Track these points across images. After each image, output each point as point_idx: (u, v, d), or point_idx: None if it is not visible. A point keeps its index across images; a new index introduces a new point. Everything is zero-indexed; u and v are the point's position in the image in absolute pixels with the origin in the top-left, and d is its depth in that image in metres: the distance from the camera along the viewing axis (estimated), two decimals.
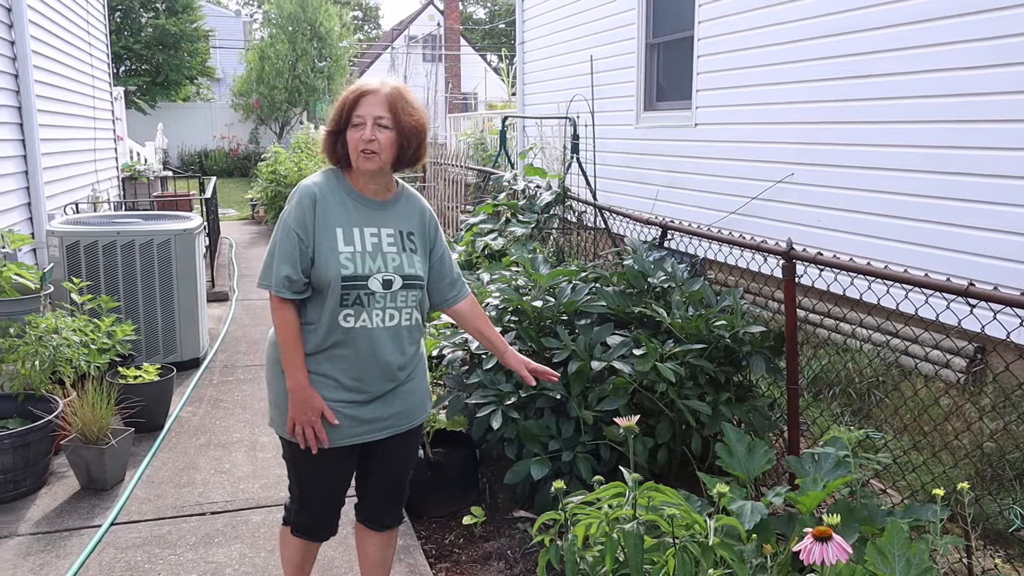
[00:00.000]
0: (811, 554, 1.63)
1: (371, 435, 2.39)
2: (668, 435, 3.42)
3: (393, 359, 2.36)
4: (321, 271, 2.25)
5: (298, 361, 2.29)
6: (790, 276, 3.40)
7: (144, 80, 22.95)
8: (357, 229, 2.32)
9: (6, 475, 3.54)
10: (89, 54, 9.16)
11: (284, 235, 2.27)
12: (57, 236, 5.17)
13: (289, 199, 2.36)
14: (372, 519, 2.59)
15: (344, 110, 2.30)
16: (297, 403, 2.28)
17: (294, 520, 2.53)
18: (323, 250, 2.26)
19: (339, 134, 2.32)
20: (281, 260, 2.25)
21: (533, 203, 6.02)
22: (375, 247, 2.32)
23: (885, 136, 5.41)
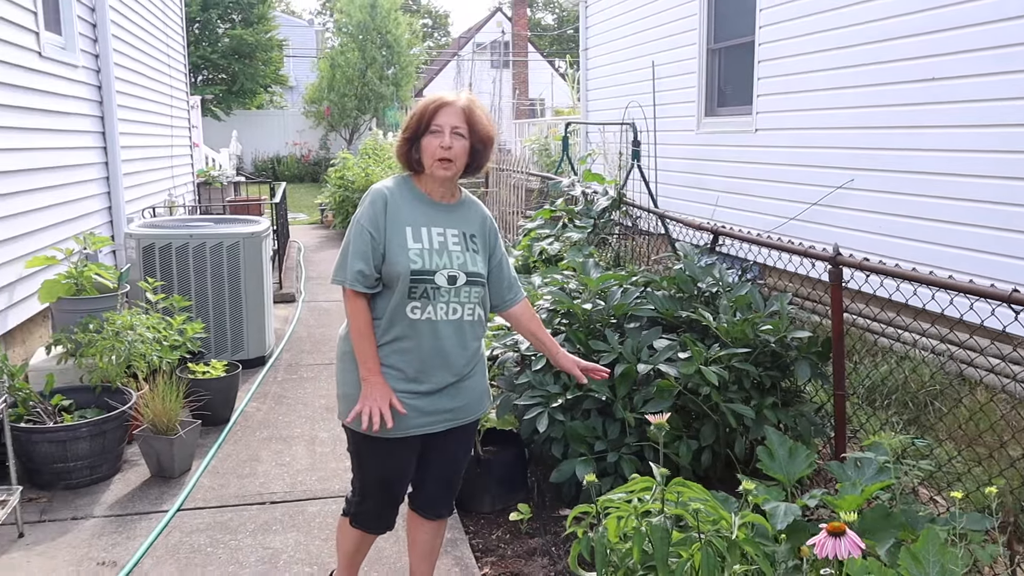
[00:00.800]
0: (824, 548, 1.68)
1: (432, 427, 2.53)
2: (712, 438, 3.45)
3: (454, 352, 2.50)
4: (391, 266, 2.41)
5: (371, 351, 2.44)
6: (837, 281, 3.41)
7: (220, 89, 23.76)
8: (425, 228, 2.47)
9: (83, 461, 3.78)
10: (168, 65, 9.58)
11: (357, 233, 2.44)
12: (134, 239, 5.45)
13: (362, 201, 2.52)
14: (426, 508, 2.72)
15: (423, 118, 2.46)
16: (369, 388, 2.41)
17: (355, 512, 2.66)
18: (393, 246, 2.42)
19: (415, 140, 2.48)
20: (355, 256, 2.42)
21: (590, 208, 6.09)
22: (441, 245, 2.47)
23: (948, 141, 5.32)
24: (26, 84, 5.08)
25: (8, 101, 4.80)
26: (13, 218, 4.78)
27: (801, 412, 3.59)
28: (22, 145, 4.98)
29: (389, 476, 2.59)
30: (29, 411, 3.84)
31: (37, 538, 3.37)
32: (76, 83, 6.10)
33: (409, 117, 2.52)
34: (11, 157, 4.80)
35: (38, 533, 3.41)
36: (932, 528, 2.40)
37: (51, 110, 5.51)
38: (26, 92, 5.09)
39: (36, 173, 5.16)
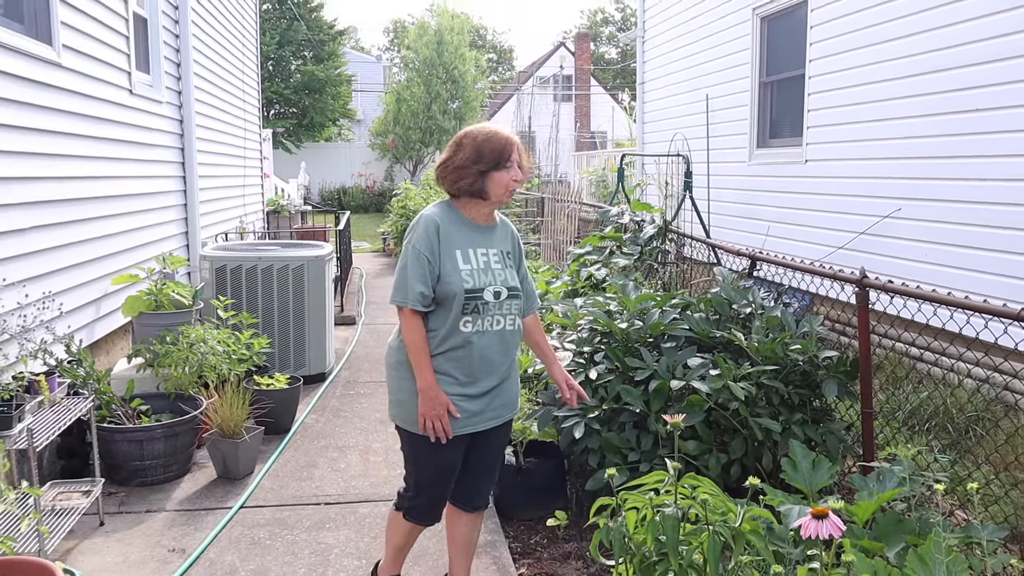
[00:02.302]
0: (808, 529, 1.85)
1: (480, 425, 2.80)
2: (741, 451, 3.60)
3: (498, 358, 2.80)
4: (446, 286, 2.68)
5: (427, 363, 2.70)
6: (863, 303, 3.55)
7: (291, 122, 24.72)
8: (472, 250, 2.76)
9: (158, 460, 4.12)
10: (243, 100, 10.15)
11: (415, 258, 2.69)
12: (208, 260, 5.86)
13: (413, 227, 2.77)
14: (464, 501, 2.97)
15: (503, 155, 2.73)
16: (428, 400, 2.68)
17: (408, 506, 2.92)
18: (447, 268, 2.70)
19: (487, 173, 2.73)
20: (415, 279, 2.68)
21: (637, 236, 6.30)
22: (486, 264, 2.77)
23: (991, 170, 5.39)
24: (118, 119, 5.56)
25: (102, 134, 5.27)
26: (102, 240, 5.22)
27: (830, 429, 3.72)
28: (112, 173, 5.44)
29: (442, 472, 2.84)
30: (111, 413, 4.21)
31: (115, 527, 3.71)
32: (161, 117, 6.60)
33: (482, 151, 2.73)
34: (102, 184, 5.26)
35: (116, 522, 3.75)
36: (939, 532, 2.54)
37: (138, 142, 5.99)
38: (118, 126, 5.57)
39: (123, 199, 5.62)
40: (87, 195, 5.01)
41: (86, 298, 4.94)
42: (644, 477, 2.35)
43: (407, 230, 2.83)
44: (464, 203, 2.82)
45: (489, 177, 2.72)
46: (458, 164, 2.75)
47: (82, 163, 4.97)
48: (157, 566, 3.36)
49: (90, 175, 5.08)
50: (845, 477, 3.71)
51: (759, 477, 3.70)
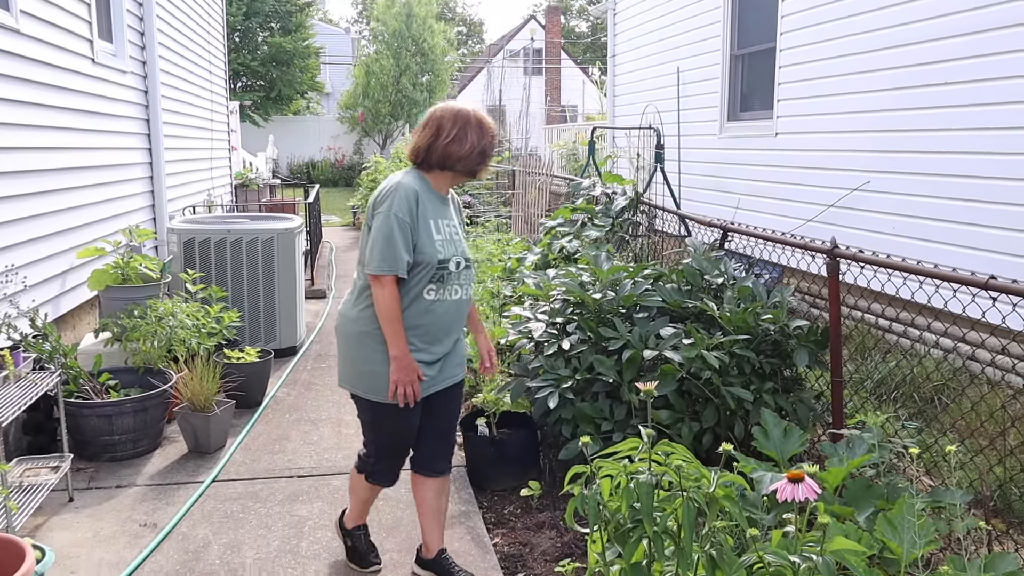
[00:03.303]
0: (784, 492, 1.88)
1: (437, 387, 2.92)
2: (713, 420, 3.64)
3: (454, 325, 2.94)
4: (421, 255, 2.77)
5: (403, 332, 2.77)
6: (834, 273, 3.58)
7: (258, 95, 24.33)
8: (440, 220, 2.86)
9: (127, 435, 4.07)
10: (209, 72, 9.97)
11: (399, 226, 2.72)
12: (176, 233, 5.77)
13: (390, 195, 2.78)
14: (426, 466, 3.05)
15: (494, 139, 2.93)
16: (402, 368, 2.76)
17: (371, 471, 3.04)
18: (423, 238, 2.78)
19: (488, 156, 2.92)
20: (402, 248, 2.72)
21: (609, 208, 6.30)
22: (450, 235, 2.88)
23: (956, 143, 5.45)
24: (80, 88, 5.43)
25: (65, 104, 5.14)
26: (66, 212, 5.11)
27: (800, 398, 3.77)
28: (75, 144, 5.32)
29: (404, 436, 2.96)
30: (79, 388, 4.14)
31: (85, 502, 3.66)
32: (125, 87, 6.45)
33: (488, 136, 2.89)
34: (65, 155, 5.14)
35: (86, 498, 3.71)
36: (907, 497, 2.59)
37: (101, 112, 5.86)
38: (80, 95, 5.43)
39: (87, 171, 5.50)
40: (50, 166, 4.89)
41: (51, 271, 4.84)
42: (618, 445, 2.36)
43: (378, 197, 2.82)
44: (439, 176, 2.89)
45: (487, 160, 2.90)
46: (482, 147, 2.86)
47: (44, 133, 4.85)
48: (129, 541, 3.33)
49: (52, 146, 4.96)
50: (815, 445, 3.76)
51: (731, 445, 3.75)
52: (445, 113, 2.88)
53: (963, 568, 2.37)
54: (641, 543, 2.25)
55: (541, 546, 3.45)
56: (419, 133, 2.91)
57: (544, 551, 3.41)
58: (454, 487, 3.92)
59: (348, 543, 3.22)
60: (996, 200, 5.18)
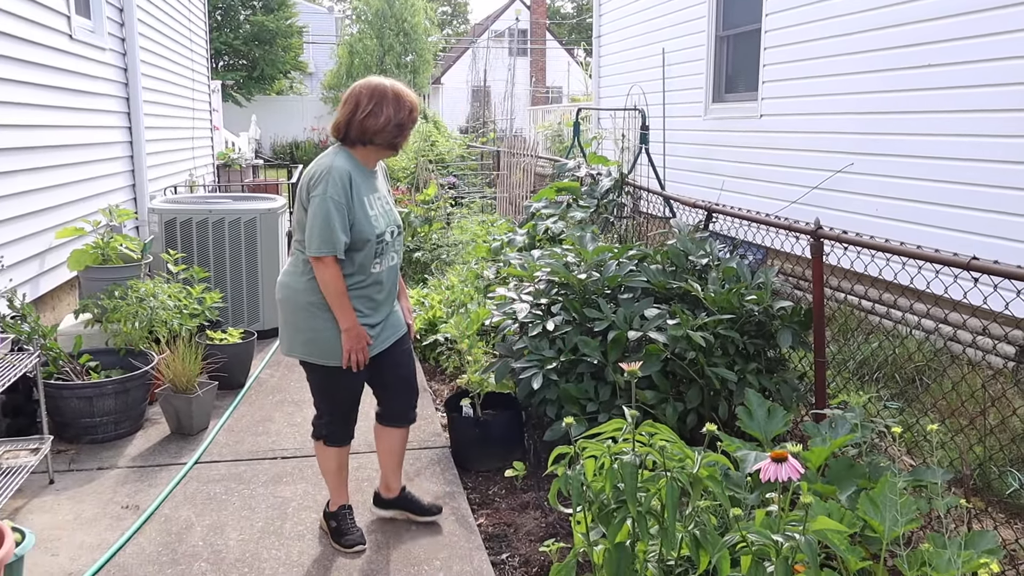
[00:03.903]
0: (767, 472, 1.88)
1: (381, 346, 3.12)
2: (697, 400, 3.65)
3: (393, 289, 3.17)
4: (360, 233, 2.91)
5: (349, 304, 2.94)
6: (818, 254, 3.59)
7: (241, 74, 24.06)
8: (372, 196, 3.01)
9: (108, 417, 4.04)
10: (190, 50, 9.84)
11: (336, 209, 2.85)
12: (157, 213, 5.71)
13: (323, 178, 2.88)
14: (394, 419, 3.30)
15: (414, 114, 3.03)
16: (353, 338, 2.95)
17: (327, 433, 3.18)
18: (359, 216, 2.92)
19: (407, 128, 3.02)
20: (340, 229, 2.86)
21: (594, 189, 6.28)
22: (381, 208, 3.04)
23: (939, 125, 5.46)
24: (58, 65, 5.34)
25: (41, 80, 5.06)
26: (44, 191, 5.04)
27: (784, 379, 3.78)
28: (53, 122, 5.24)
29: (354, 394, 3.15)
30: (59, 370, 4.10)
31: (66, 484, 3.63)
32: (104, 65, 6.35)
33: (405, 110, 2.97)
34: (43, 133, 5.06)
35: (67, 480, 3.68)
36: (889, 476, 2.60)
37: (80, 90, 5.77)
38: (58, 72, 5.34)
39: (65, 149, 5.42)
40: (26, 144, 4.82)
41: (28, 252, 4.78)
42: (602, 426, 2.36)
43: (312, 179, 2.91)
44: (363, 151, 3.01)
45: (405, 132, 3.02)
46: (391, 119, 2.93)
47: (19, 111, 4.77)
48: (111, 523, 3.31)
49: (29, 123, 4.88)
50: (798, 425, 3.78)
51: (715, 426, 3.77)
52: (363, 89, 2.97)
53: (943, 546, 2.39)
54: (625, 523, 2.25)
55: (526, 526, 3.46)
56: (340, 109, 3.01)
57: (529, 531, 3.42)
58: (438, 468, 3.93)
59: (332, 524, 3.24)
60: (978, 182, 5.21)
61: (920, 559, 2.32)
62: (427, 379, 5.27)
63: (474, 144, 13.19)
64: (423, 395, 4.92)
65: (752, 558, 2.04)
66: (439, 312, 5.82)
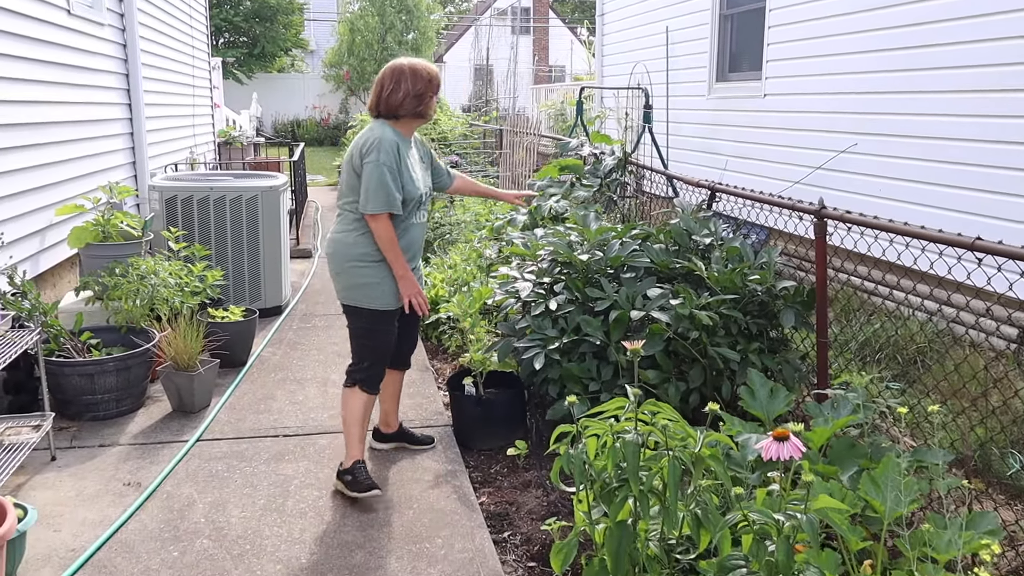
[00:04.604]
0: (769, 451, 1.88)
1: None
2: (700, 380, 3.64)
3: (422, 242, 3.59)
4: (408, 193, 3.34)
5: (402, 255, 3.35)
6: (821, 234, 3.57)
7: (242, 51, 23.91)
8: (414, 162, 3.44)
9: (110, 394, 4.04)
10: (190, 26, 9.76)
11: (390, 173, 3.26)
12: (157, 190, 5.68)
13: (375, 148, 3.27)
14: (400, 363, 3.77)
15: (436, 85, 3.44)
16: (408, 283, 3.38)
17: (364, 377, 3.47)
18: (406, 178, 3.34)
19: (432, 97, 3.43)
20: (395, 190, 3.27)
21: (597, 168, 6.25)
22: (420, 171, 3.49)
23: (942, 106, 5.42)
24: (56, 40, 5.29)
25: (40, 56, 5.02)
26: (43, 168, 5.01)
27: (786, 359, 3.77)
28: (51, 98, 5.20)
29: (389, 340, 3.50)
30: (60, 347, 4.09)
31: (68, 461, 3.64)
32: (103, 41, 6.30)
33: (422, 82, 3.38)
34: (42, 109, 5.03)
35: (69, 457, 3.68)
36: (891, 457, 2.60)
37: (79, 66, 5.72)
38: (56, 48, 5.30)
39: (65, 126, 5.39)
40: (24, 120, 4.79)
41: (29, 228, 4.76)
42: (605, 404, 2.35)
43: (365, 148, 3.29)
44: (402, 123, 3.41)
45: (432, 101, 3.43)
46: (409, 92, 3.36)
47: (18, 86, 4.73)
48: (112, 499, 3.32)
49: (27, 99, 4.85)
50: (800, 406, 3.78)
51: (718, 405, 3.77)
52: (385, 71, 3.43)
53: (944, 526, 2.39)
54: (627, 502, 2.25)
55: (527, 505, 3.46)
56: (371, 92, 3.47)
57: (530, 510, 3.43)
58: (441, 446, 3.93)
59: (347, 479, 3.42)
60: (982, 163, 5.17)
61: (921, 539, 2.32)
62: (429, 358, 5.26)
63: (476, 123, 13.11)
64: (425, 374, 4.92)
65: (753, 537, 2.04)
66: (441, 291, 5.81)
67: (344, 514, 3.27)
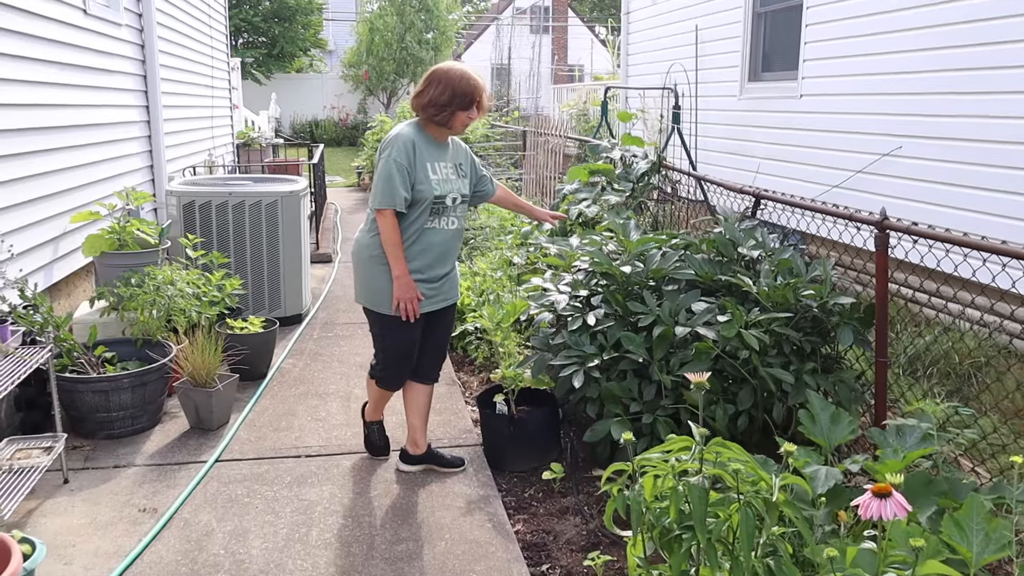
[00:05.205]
0: (868, 509, 1.65)
1: (436, 305, 3.43)
2: (749, 402, 3.41)
3: (451, 251, 3.45)
4: (420, 192, 3.25)
5: (403, 256, 3.26)
6: (883, 246, 3.32)
7: (260, 52, 23.81)
8: (438, 163, 3.33)
9: (125, 411, 3.85)
10: (209, 26, 9.60)
11: (398, 169, 3.20)
12: (175, 196, 5.50)
13: (390, 143, 3.26)
14: (423, 376, 3.61)
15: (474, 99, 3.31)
16: (402, 286, 3.26)
17: (379, 376, 3.57)
18: (420, 177, 3.25)
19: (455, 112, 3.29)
20: (400, 186, 3.20)
21: (629, 172, 6.01)
22: (446, 175, 3.35)
23: (996, 107, 5.15)
24: (72, 41, 5.12)
25: (55, 58, 4.85)
26: (57, 173, 4.84)
27: (841, 379, 3.52)
28: (67, 101, 5.03)
29: (405, 346, 3.45)
30: (73, 362, 3.91)
31: (81, 484, 3.45)
32: (120, 41, 6.14)
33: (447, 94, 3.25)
34: (56, 113, 4.86)
35: (82, 479, 3.50)
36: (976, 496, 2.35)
37: (95, 67, 5.55)
38: (72, 49, 5.13)
39: (80, 130, 5.22)
40: (39, 124, 4.61)
41: (42, 238, 4.59)
42: (668, 443, 2.12)
43: (382, 145, 3.31)
44: (427, 125, 3.36)
45: (455, 115, 3.29)
46: (433, 100, 3.27)
47: (32, 89, 4.56)
48: (127, 528, 3.12)
49: (41, 102, 4.68)
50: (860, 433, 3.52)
51: (768, 429, 3.53)
52: (429, 72, 3.37)
53: None
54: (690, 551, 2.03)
55: (566, 534, 3.24)
56: None
57: (569, 539, 3.20)
58: (472, 469, 3.72)
59: (365, 432, 3.80)
60: None
61: None
62: (455, 370, 5.05)
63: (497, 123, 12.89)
64: (452, 387, 4.71)
65: None
66: (467, 299, 5.60)
67: (371, 545, 3.06)
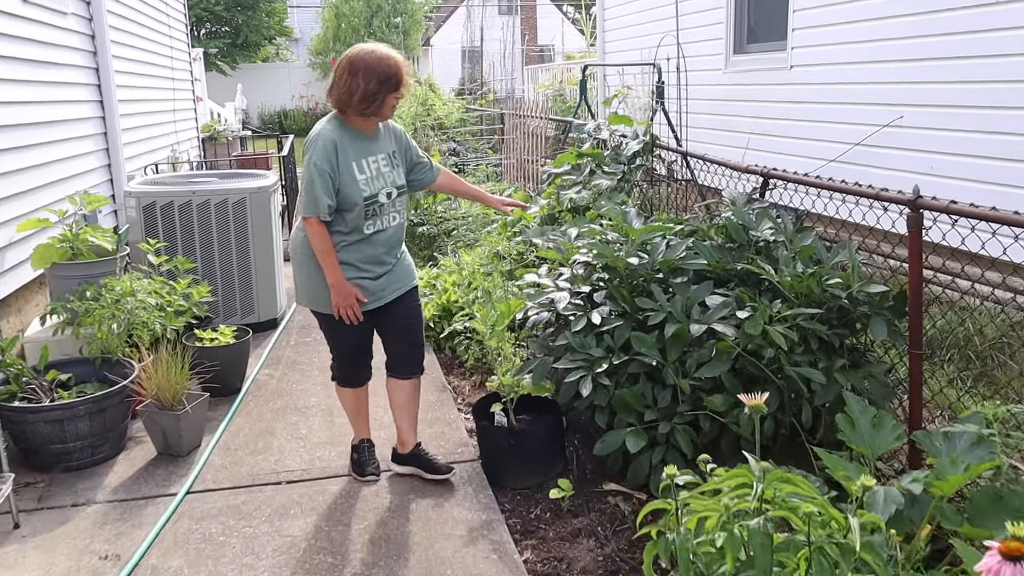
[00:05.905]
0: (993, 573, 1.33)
1: (386, 298, 3.26)
2: (775, 405, 3.09)
3: (393, 246, 3.26)
4: (347, 196, 3.05)
5: (335, 263, 3.09)
6: (916, 228, 3.02)
7: (224, 42, 23.15)
8: (364, 160, 3.11)
9: (83, 441, 3.47)
10: (167, 15, 9.12)
11: (319, 175, 3.00)
12: (134, 197, 5.09)
13: (311, 145, 3.06)
14: (399, 369, 3.39)
15: (399, 82, 3.06)
16: (339, 294, 3.11)
17: (338, 375, 3.44)
18: (346, 180, 3.05)
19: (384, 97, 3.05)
20: (322, 193, 3.00)
21: (619, 153, 5.67)
22: (377, 171, 3.14)
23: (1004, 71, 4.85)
24: (9, 31, 4.68)
25: None
26: (1, 178, 4.41)
27: (871, 373, 3.22)
28: (7, 98, 4.60)
29: (356, 344, 3.33)
30: (23, 388, 3.52)
31: (34, 528, 3.08)
32: (66, 32, 5.68)
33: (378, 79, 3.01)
34: None
35: (35, 523, 3.12)
36: None
37: (38, 60, 5.11)
38: (10, 40, 4.69)
39: (23, 129, 4.78)
40: None
41: None
42: (719, 480, 1.79)
43: (306, 145, 3.09)
44: (354, 118, 3.11)
45: (385, 101, 3.07)
46: (362, 92, 3.00)
47: None
48: None
49: None
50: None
51: (794, 434, 3.23)
52: (342, 60, 3.10)
53: None
54: None
55: (580, 561, 2.92)
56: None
57: (584, 567, 2.88)
58: (470, 488, 3.39)
59: (354, 456, 3.50)
60: None
61: None
62: (444, 373, 4.71)
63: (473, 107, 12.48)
64: (443, 394, 4.37)
65: None
66: (454, 296, 5.25)
67: None
